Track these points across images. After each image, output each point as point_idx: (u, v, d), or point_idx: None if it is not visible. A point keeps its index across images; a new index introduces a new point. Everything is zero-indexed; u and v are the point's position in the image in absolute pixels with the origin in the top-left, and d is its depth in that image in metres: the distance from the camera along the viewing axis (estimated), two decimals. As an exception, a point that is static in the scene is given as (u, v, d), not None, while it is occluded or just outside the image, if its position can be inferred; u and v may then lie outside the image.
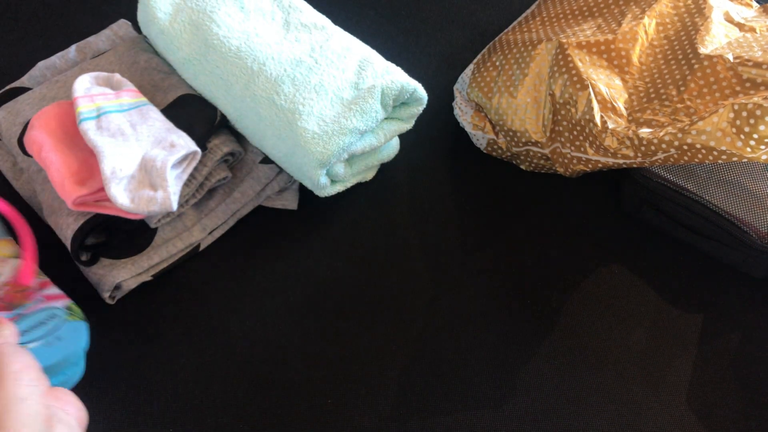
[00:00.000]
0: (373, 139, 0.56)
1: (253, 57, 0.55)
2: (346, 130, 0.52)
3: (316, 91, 0.54)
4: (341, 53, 0.57)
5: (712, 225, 0.57)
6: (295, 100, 0.54)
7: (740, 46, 0.54)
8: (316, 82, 0.55)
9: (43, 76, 0.66)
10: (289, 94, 0.54)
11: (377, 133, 0.57)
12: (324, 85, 0.55)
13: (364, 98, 0.54)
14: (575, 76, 0.56)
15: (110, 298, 0.55)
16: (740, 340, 0.57)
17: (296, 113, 0.53)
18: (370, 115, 0.54)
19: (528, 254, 0.61)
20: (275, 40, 0.57)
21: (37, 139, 0.52)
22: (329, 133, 0.52)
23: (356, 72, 0.56)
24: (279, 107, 0.54)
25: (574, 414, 0.53)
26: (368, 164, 0.60)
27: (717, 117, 0.47)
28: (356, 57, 0.57)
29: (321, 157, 0.52)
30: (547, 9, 0.66)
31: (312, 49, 0.57)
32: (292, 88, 0.54)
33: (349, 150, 0.54)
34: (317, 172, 0.54)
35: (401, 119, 0.59)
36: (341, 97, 0.54)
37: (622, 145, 0.53)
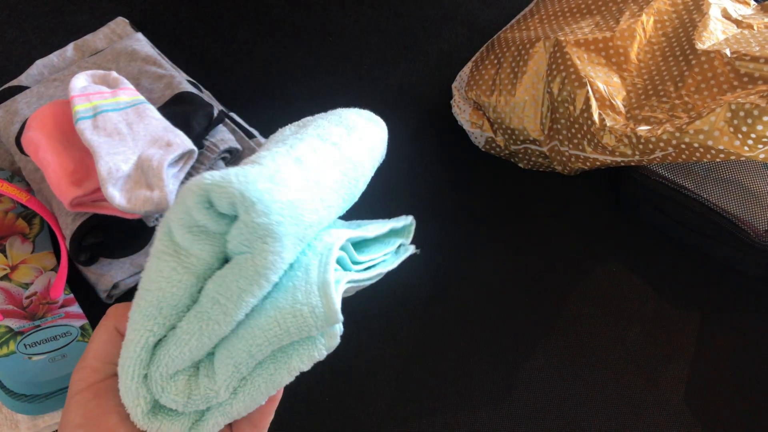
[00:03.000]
0: (195, 321, 0.29)
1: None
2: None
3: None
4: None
5: (710, 223, 0.57)
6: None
7: (738, 42, 0.54)
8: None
9: (40, 74, 0.66)
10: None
11: (201, 303, 0.30)
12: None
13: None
14: (573, 74, 0.56)
15: (108, 297, 0.55)
16: (738, 339, 0.57)
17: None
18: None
19: (526, 252, 0.61)
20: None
21: (33, 140, 0.52)
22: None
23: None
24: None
25: (573, 413, 0.53)
26: (246, 358, 0.30)
27: (714, 116, 0.47)
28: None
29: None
30: (545, 7, 0.66)
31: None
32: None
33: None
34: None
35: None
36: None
37: (620, 143, 0.53)
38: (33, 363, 0.46)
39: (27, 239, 0.54)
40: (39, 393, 0.46)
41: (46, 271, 0.53)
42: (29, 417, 0.49)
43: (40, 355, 0.47)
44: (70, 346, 0.48)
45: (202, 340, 0.29)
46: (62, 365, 0.47)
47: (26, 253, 0.54)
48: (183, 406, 0.30)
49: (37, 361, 0.46)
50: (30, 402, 0.46)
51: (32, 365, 0.46)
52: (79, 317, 0.51)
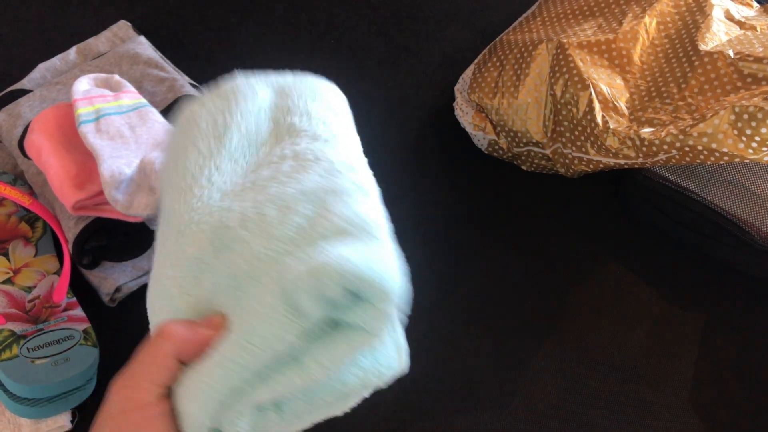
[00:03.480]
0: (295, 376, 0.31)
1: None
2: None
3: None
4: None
5: (714, 225, 0.57)
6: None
7: (741, 42, 0.54)
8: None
9: (43, 77, 0.66)
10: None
11: (303, 361, 0.32)
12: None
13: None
14: (576, 76, 0.56)
15: (111, 300, 0.55)
16: (741, 340, 0.56)
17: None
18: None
19: (528, 254, 0.61)
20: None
21: (36, 143, 0.52)
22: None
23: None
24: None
25: (575, 414, 0.53)
26: (319, 401, 0.34)
27: (718, 119, 0.47)
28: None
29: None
30: (547, 9, 0.66)
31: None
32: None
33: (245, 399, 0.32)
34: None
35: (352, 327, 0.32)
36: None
37: (623, 146, 0.53)
38: (36, 367, 0.46)
39: (30, 243, 0.54)
40: (42, 397, 0.46)
41: (49, 274, 0.53)
42: (32, 421, 0.49)
43: (42, 359, 0.47)
44: (73, 350, 0.48)
45: (290, 389, 0.32)
46: (65, 369, 0.47)
47: (29, 257, 0.54)
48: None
49: (39, 364, 0.46)
50: (33, 406, 0.46)
51: (35, 369, 0.46)
52: (82, 321, 0.51)
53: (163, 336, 0.31)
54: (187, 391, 0.31)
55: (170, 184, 0.39)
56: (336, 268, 0.30)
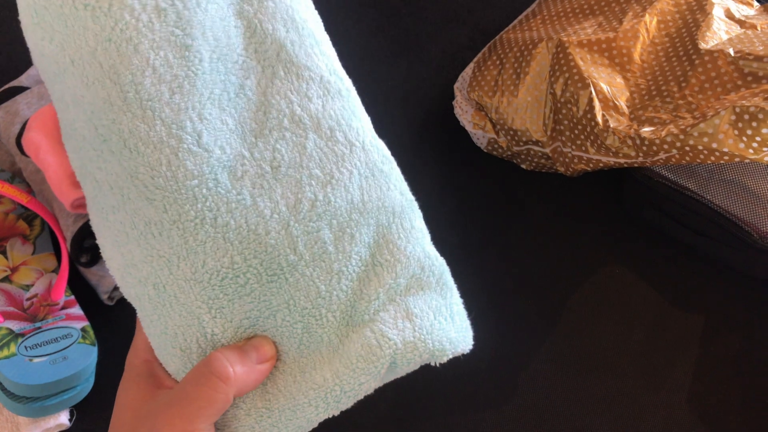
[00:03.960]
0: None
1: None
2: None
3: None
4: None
5: (713, 224, 0.57)
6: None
7: (741, 41, 0.53)
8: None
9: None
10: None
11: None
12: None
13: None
14: (576, 75, 0.55)
15: (109, 299, 0.55)
16: (741, 340, 0.56)
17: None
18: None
19: (528, 254, 0.61)
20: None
21: (34, 141, 0.52)
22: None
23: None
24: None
25: (575, 414, 0.53)
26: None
27: (718, 119, 0.47)
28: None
29: None
30: (547, 7, 0.66)
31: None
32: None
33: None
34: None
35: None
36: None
37: (623, 145, 0.53)
38: (34, 365, 0.46)
39: (28, 241, 0.54)
40: (39, 395, 0.46)
41: (47, 272, 0.53)
42: (30, 419, 0.48)
43: (41, 357, 0.46)
44: (71, 348, 0.48)
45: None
46: (63, 367, 0.47)
47: (27, 255, 0.53)
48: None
49: (37, 363, 0.46)
50: (30, 404, 0.46)
51: (33, 367, 0.46)
52: (81, 319, 0.51)
53: (221, 377, 0.29)
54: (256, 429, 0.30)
55: (108, 113, 0.28)
56: (431, 347, 0.30)
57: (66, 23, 0.29)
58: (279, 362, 0.31)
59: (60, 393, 0.47)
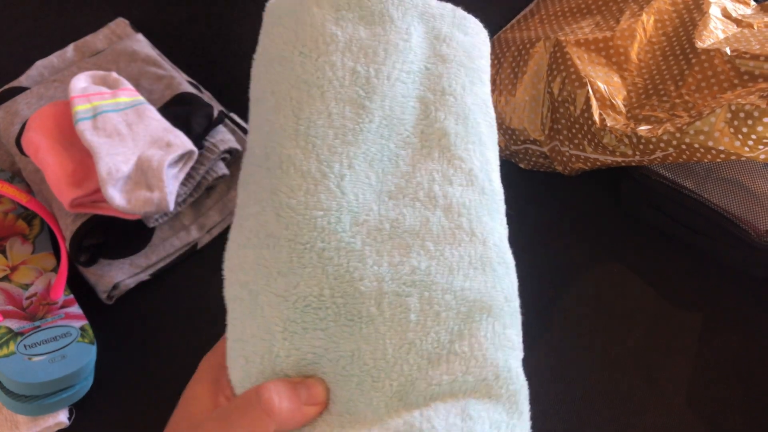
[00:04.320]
0: None
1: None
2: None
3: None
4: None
5: (711, 223, 0.57)
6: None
7: (737, 40, 0.54)
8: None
9: (40, 75, 0.66)
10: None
11: None
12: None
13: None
14: (573, 74, 0.56)
15: (108, 298, 0.55)
16: (740, 339, 0.56)
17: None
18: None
19: (527, 253, 0.61)
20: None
21: (33, 140, 0.52)
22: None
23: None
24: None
25: (574, 413, 0.53)
26: None
27: (714, 117, 0.47)
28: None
29: None
30: (545, 7, 0.66)
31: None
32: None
33: None
34: None
35: None
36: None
37: (620, 143, 0.53)
38: (33, 364, 0.46)
39: (27, 240, 0.55)
40: (38, 394, 0.46)
41: (46, 271, 0.53)
42: (29, 418, 0.49)
43: (40, 356, 0.47)
44: (70, 347, 0.48)
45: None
46: (62, 366, 0.47)
47: (26, 254, 0.54)
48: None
49: (37, 361, 0.46)
50: (29, 403, 0.46)
51: (32, 366, 0.46)
52: (79, 318, 0.51)
53: (267, 411, 0.28)
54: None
55: (279, 137, 0.31)
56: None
57: (282, 63, 0.33)
58: (325, 411, 0.30)
59: (59, 391, 0.47)
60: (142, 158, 0.51)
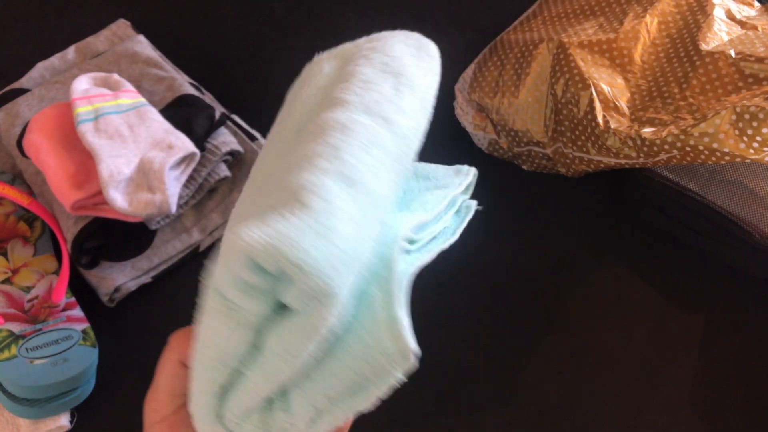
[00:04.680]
0: (259, 370, 0.29)
1: None
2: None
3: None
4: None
5: (715, 225, 0.57)
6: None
7: (742, 42, 0.53)
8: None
9: (41, 77, 0.66)
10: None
11: (264, 353, 0.29)
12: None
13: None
14: (577, 76, 0.55)
15: (110, 300, 0.55)
16: (742, 341, 0.56)
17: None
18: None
19: (530, 254, 0.61)
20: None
21: (35, 142, 0.52)
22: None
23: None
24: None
25: (577, 414, 0.53)
26: (322, 396, 0.29)
27: (719, 119, 0.47)
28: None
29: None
30: (548, 8, 0.66)
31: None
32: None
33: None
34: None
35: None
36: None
37: (624, 145, 0.53)
38: (34, 367, 0.46)
39: (28, 242, 0.54)
40: (40, 397, 0.46)
41: (48, 274, 0.53)
42: (31, 421, 0.48)
43: (41, 359, 0.46)
44: (72, 350, 0.48)
45: (270, 386, 0.28)
46: (64, 369, 0.47)
47: (28, 257, 0.53)
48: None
49: (38, 365, 0.46)
50: (31, 406, 0.46)
51: (34, 369, 0.46)
52: (81, 321, 0.51)
53: (169, 345, 0.31)
54: (190, 396, 0.30)
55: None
56: (236, 247, 0.25)
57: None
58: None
59: (60, 395, 0.47)
60: (144, 160, 0.51)
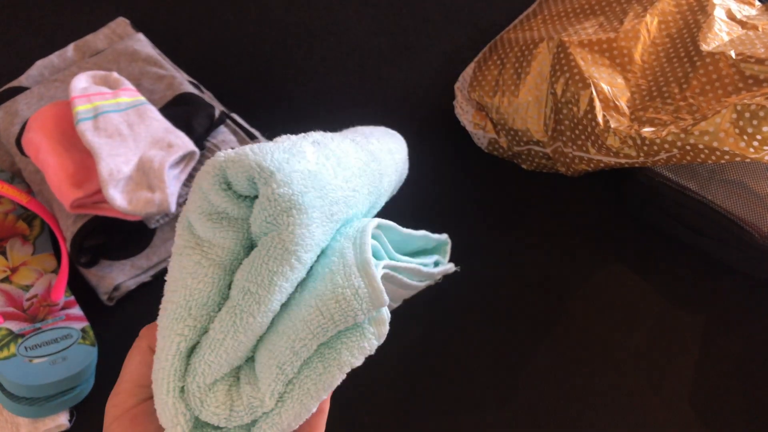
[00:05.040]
0: (226, 314, 0.28)
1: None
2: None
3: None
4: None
5: (714, 225, 0.57)
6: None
7: (742, 43, 0.53)
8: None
9: (41, 75, 0.66)
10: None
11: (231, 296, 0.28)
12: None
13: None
14: (577, 75, 0.55)
15: (109, 299, 0.54)
16: (742, 341, 0.56)
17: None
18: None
19: (529, 254, 0.61)
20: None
21: (34, 141, 0.52)
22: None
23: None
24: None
25: (576, 415, 0.53)
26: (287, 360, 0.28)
27: (719, 118, 0.47)
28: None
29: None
30: (548, 7, 0.66)
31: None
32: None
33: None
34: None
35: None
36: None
37: (624, 145, 0.52)
38: (34, 366, 0.46)
39: (27, 241, 0.54)
40: (40, 396, 0.46)
41: (47, 273, 0.53)
42: (30, 420, 0.48)
43: (40, 358, 0.46)
44: (71, 349, 0.48)
45: (238, 337, 0.26)
46: (63, 368, 0.47)
47: (27, 255, 0.53)
48: (226, 421, 0.27)
49: (37, 363, 0.46)
50: (30, 405, 0.46)
51: (33, 368, 0.46)
52: (80, 320, 0.51)
53: (140, 336, 0.31)
54: (153, 377, 0.28)
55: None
56: (208, 163, 0.26)
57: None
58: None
59: (60, 393, 0.47)
60: (144, 159, 0.51)
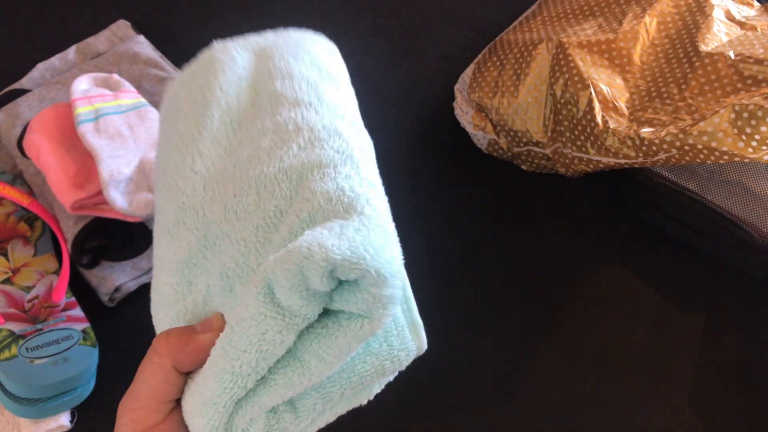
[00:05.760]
0: (295, 375, 0.29)
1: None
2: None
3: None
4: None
5: (714, 225, 0.57)
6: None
7: (741, 43, 0.53)
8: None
9: (42, 77, 0.66)
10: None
11: (302, 359, 0.29)
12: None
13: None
14: (576, 76, 0.55)
15: (110, 300, 0.55)
16: (741, 341, 0.56)
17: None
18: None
19: (529, 254, 0.61)
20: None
21: (35, 143, 0.52)
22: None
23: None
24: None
25: (576, 414, 0.53)
26: (335, 394, 0.31)
27: (718, 118, 0.47)
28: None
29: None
30: (547, 9, 0.66)
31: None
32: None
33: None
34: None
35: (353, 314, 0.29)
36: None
37: (623, 145, 0.53)
38: (35, 367, 0.46)
39: (29, 242, 0.54)
40: (41, 397, 0.46)
41: (48, 274, 0.53)
42: (31, 420, 0.49)
43: (41, 359, 0.46)
44: (72, 350, 0.48)
45: (298, 390, 0.29)
46: (64, 369, 0.47)
47: (28, 257, 0.54)
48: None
49: (38, 364, 0.46)
50: (32, 406, 0.46)
51: (34, 369, 0.46)
52: (81, 321, 0.51)
53: (157, 350, 0.30)
54: (189, 405, 0.30)
55: (158, 180, 0.36)
56: (319, 255, 0.26)
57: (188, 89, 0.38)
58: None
59: (61, 394, 0.47)
60: (144, 160, 0.51)
